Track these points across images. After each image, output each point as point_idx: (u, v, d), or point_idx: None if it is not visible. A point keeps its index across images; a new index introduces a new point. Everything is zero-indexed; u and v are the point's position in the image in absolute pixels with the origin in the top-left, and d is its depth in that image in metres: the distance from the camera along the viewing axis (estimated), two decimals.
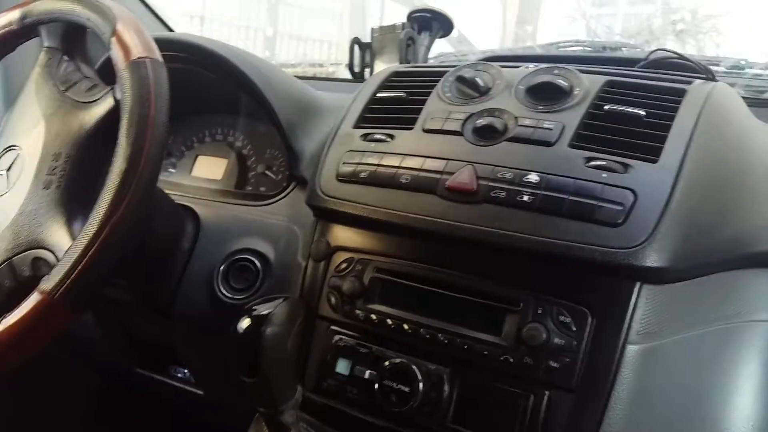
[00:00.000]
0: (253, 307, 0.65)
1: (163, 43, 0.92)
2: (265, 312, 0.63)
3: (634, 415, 0.58)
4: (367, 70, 1.14)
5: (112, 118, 0.68)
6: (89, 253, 0.62)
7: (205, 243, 0.88)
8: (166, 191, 0.89)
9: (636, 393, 0.59)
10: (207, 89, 1.01)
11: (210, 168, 1.06)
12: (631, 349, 0.59)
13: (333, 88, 1.18)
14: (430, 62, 1.22)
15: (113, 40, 0.68)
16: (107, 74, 0.72)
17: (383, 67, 1.11)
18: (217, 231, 0.89)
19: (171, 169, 1.08)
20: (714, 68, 1.06)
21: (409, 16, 1.12)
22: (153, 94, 0.66)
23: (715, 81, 0.72)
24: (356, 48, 1.13)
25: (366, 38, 1.13)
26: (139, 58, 0.67)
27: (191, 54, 0.94)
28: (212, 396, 0.95)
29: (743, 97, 1.00)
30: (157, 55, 0.69)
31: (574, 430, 0.60)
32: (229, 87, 0.96)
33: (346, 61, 1.14)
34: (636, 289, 0.59)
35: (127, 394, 1.17)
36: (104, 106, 0.70)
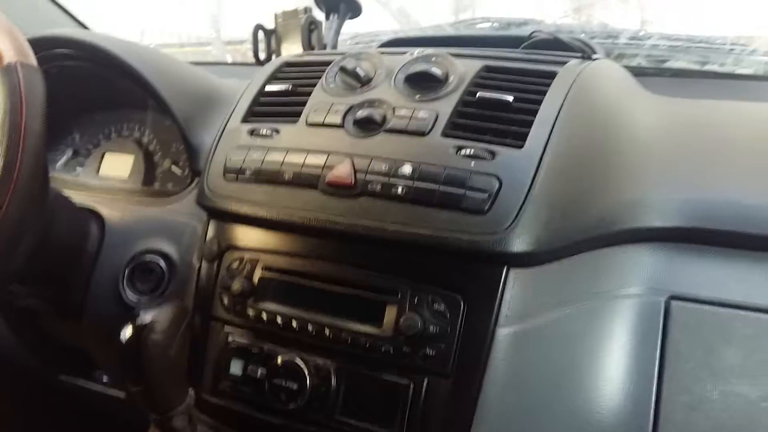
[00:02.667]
0: (138, 313, 0.65)
1: (49, 42, 0.90)
2: (147, 320, 0.64)
3: (508, 396, 0.60)
4: (274, 56, 1.12)
5: None
6: None
7: (111, 245, 0.87)
8: (74, 192, 0.88)
9: (508, 374, 0.61)
10: (109, 85, 0.99)
11: (117, 166, 1.04)
12: (502, 332, 0.61)
13: (248, 73, 1.16)
14: (346, 45, 1.21)
15: None
16: None
17: (290, 51, 1.10)
18: (122, 232, 0.88)
19: (78, 168, 1.07)
20: (615, 41, 1.08)
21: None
22: (24, 101, 0.64)
23: (592, 59, 0.73)
24: (261, 33, 1.11)
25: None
26: (9, 63, 0.65)
27: (78, 50, 0.92)
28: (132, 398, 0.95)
29: (645, 68, 1.02)
30: (31, 59, 0.67)
31: (452, 414, 0.62)
32: (127, 81, 0.94)
33: None
34: (503, 274, 0.61)
35: (52, 402, 1.17)
36: None
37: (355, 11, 1.13)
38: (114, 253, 0.87)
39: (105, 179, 1.04)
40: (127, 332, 0.63)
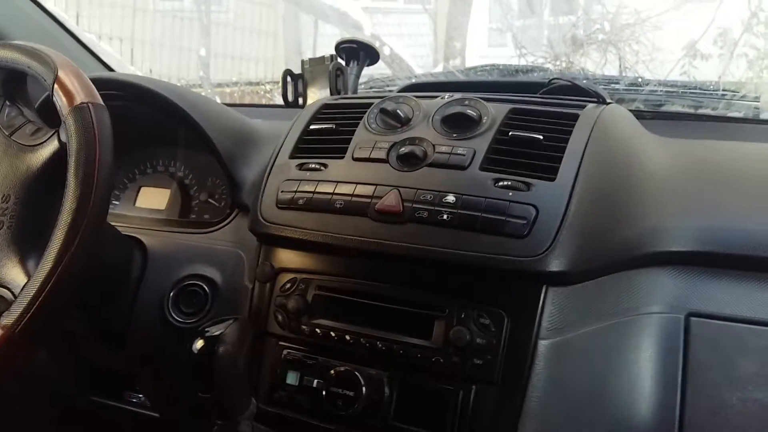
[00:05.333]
0: (206, 329, 0.71)
1: (102, 84, 0.97)
2: (217, 332, 0.69)
3: (549, 402, 0.67)
4: (300, 99, 1.21)
5: (57, 159, 0.72)
6: (46, 289, 0.66)
7: (154, 271, 0.93)
8: (114, 223, 0.94)
9: (549, 382, 0.68)
10: (146, 123, 1.05)
11: (153, 198, 1.11)
12: (543, 344, 0.68)
13: (267, 114, 1.25)
14: (360, 89, 1.31)
15: (55, 86, 0.72)
16: (48, 116, 0.76)
17: (316, 94, 1.19)
18: (164, 259, 0.94)
19: (115, 202, 1.12)
20: (615, 86, 1.19)
21: (337, 47, 1.19)
22: (97, 136, 0.71)
23: (606, 104, 0.83)
24: (288, 78, 1.20)
25: (302, 55, 1.21)
26: (81, 103, 0.71)
27: (130, 93, 0.99)
28: (168, 418, 1.00)
29: (643, 111, 1.13)
30: (98, 98, 0.74)
31: (498, 418, 0.68)
32: (168, 120, 1.01)
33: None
34: (543, 292, 0.69)
35: (82, 423, 1.19)
36: (50, 148, 0.74)
37: (374, 58, 1.23)
38: (158, 278, 0.92)
39: (142, 211, 1.10)
40: (198, 344, 0.69)
